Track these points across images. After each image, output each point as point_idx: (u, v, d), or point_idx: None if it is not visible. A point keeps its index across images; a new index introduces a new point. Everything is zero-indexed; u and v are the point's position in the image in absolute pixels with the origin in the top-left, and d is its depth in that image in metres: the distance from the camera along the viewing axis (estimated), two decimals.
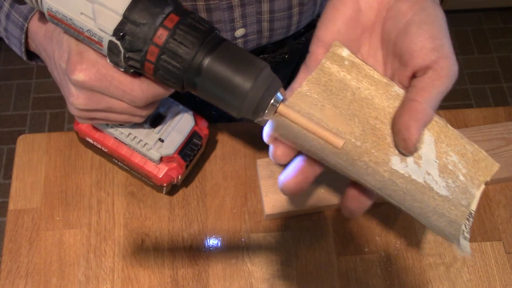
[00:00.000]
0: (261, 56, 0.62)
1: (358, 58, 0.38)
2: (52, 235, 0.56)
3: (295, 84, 0.37)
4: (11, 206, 0.58)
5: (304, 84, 0.37)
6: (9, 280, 0.54)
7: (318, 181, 0.57)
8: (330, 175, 0.59)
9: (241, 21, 0.53)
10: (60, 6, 0.35)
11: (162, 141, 0.50)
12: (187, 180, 0.59)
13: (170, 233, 0.57)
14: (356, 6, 0.36)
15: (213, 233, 0.57)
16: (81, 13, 0.35)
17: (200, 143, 0.53)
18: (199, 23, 0.35)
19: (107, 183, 0.59)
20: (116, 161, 0.54)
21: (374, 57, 0.37)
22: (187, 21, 0.34)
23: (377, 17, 0.36)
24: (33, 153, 0.61)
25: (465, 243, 0.37)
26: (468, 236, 0.37)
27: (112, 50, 0.35)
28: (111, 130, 0.50)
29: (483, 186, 0.38)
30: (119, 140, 0.51)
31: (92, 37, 0.35)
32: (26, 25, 0.43)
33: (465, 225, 0.37)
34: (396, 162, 0.36)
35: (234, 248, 0.56)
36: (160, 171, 0.51)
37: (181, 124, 0.52)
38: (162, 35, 0.34)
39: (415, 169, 0.37)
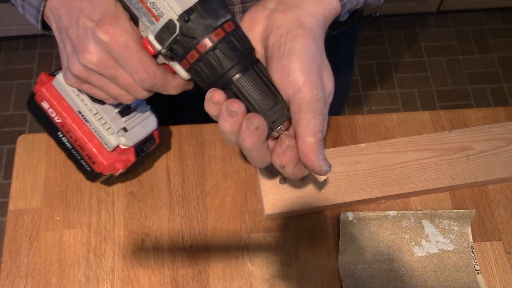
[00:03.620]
0: None
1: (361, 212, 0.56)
2: (52, 235, 0.57)
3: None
4: (11, 206, 0.58)
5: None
6: (9, 280, 0.54)
7: (318, 181, 0.57)
8: (330, 175, 0.59)
9: None
10: None
11: (126, 130, 0.50)
12: (187, 180, 0.59)
13: (170, 233, 0.57)
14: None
15: (213, 233, 0.57)
16: None
17: (152, 147, 0.54)
18: (246, 38, 0.39)
19: (107, 183, 0.59)
20: (59, 135, 0.52)
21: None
22: (239, 33, 0.38)
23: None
24: (33, 153, 0.61)
25: (479, 278, 0.54)
26: (479, 269, 0.55)
27: (167, 27, 0.37)
28: (80, 103, 0.49)
29: (469, 228, 0.57)
30: (82, 115, 0.49)
31: (153, 10, 0.37)
32: None
33: (473, 258, 0.55)
34: (416, 250, 0.55)
35: (234, 248, 0.56)
36: (108, 159, 0.51)
37: (146, 122, 0.52)
38: (219, 34, 0.37)
39: (428, 245, 0.55)
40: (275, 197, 0.56)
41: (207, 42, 0.37)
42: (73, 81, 0.43)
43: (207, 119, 0.68)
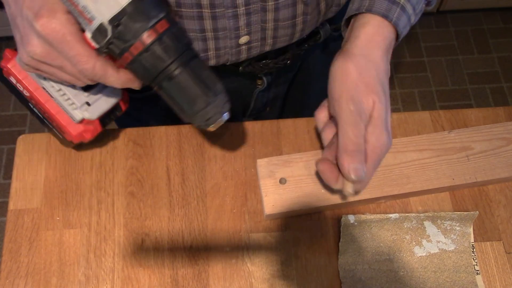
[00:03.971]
0: (264, 61, 0.62)
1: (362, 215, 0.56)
2: (52, 235, 0.57)
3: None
4: (11, 206, 0.58)
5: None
6: (9, 280, 0.54)
7: (318, 181, 0.57)
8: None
9: (245, 29, 0.53)
10: None
11: (89, 104, 0.51)
12: (187, 180, 0.59)
13: (170, 233, 0.57)
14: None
15: (213, 233, 0.57)
16: None
17: (118, 114, 0.55)
18: (182, 35, 0.40)
19: (107, 183, 0.59)
20: (31, 106, 0.53)
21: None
22: (174, 30, 0.39)
23: None
24: (33, 153, 0.61)
25: (478, 279, 0.54)
26: (478, 269, 0.55)
27: (99, 31, 0.38)
28: (43, 81, 0.49)
29: (471, 228, 0.56)
30: (47, 91, 0.50)
31: (85, 13, 0.38)
32: None
33: (473, 258, 0.55)
34: (417, 250, 0.55)
35: (234, 248, 0.56)
36: (75, 130, 0.52)
37: (109, 94, 0.53)
38: (151, 35, 0.38)
39: (429, 245, 0.55)
40: (275, 197, 0.56)
41: (139, 45, 0.38)
42: (25, 67, 0.44)
43: None
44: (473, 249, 0.56)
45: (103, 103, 0.52)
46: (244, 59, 0.59)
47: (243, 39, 0.54)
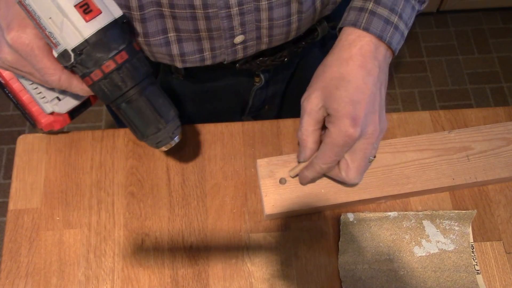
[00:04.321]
0: (260, 58, 0.62)
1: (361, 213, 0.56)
2: (52, 235, 0.57)
3: None
4: (11, 206, 0.58)
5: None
6: (9, 280, 0.54)
7: (318, 181, 0.57)
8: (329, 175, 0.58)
9: (240, 29, 0.53)
10: (34, 3, 0.40)
11: (59, 99, 0.53)
12: (187, 180, 0.59)
13: (170, 233, 0.57)
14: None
15: (213, 233, 0.57)
16: (50, 18, 0.40)
17: (88, 107, 0.57)
18: (142, 64, 0.44)
19: (107, 183, 0.59)
20: (7, 92, 0.55)
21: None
22: (133, 61, 0.43)
23: None
24: (33, 153, 0.61)
25: (479, 279, 0.54)
26: (478, 269, 0.55)
27: (63, 55, 0.42)
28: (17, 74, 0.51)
29: (470, 228, 0.57)
30: (21, 82, 0.52)
31: (51, 38, 0.42)
32: None
33: (473, 258, 0.55)
34: (417, 250, 0.55)
35: (234, 248, 0.56)
36: (46, 120, 0.54)
37: None
38: (110, 65, 0.42)
39: (429, 245, 0.55)
40: (275, 197, 0.56)
41: (98, 73, 0.42)
42: (2, 67, 0.47)
43: (207, 118, 0.68)
44: (472, 249, 0.56)
45: (72, 99, 0.54)
46: (241, 58, 0.59)
47: (238, 39, 0.54)
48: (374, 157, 0.53)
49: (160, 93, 0.46)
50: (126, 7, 0.49)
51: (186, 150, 0.61)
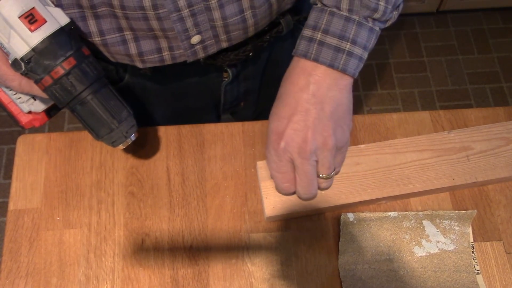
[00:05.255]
0: (223, 53, 0.61)
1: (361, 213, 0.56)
2: (52, 235, 0.57)
3: None
4: (11, 206, 0.58)
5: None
6: (9, 280, 0.54)
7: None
8: None
9: (194, 29, 0.52)
10: None
11: (35, 99, 0.54)
12: (187, 180, 0.59)
13: (170, 233, 0.57)
14: None
15: (213, 233, 0.57)
16: None
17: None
18: (92, 68, 0.46)
19: (107, 183, 0.59)
20: None
21: None
22: (82, 66, 0.45)
23: None
24: (33, 153, 0.61)
25: (479, 279, 0.54)
26: (479, 269, 0.55)
27: (15, 64, 0.44)
28: None
29: (470, 228, 0.57)
30: None
31: (3, 49, 0.44)
32: None
33: (473, 258, 0.55)
34: (417, 250, 0.55)
35: (234, 248, 0.56)
36: (25, 119, 0.55)
37: None
38: (58, 72, 0.44)
39: (429, 245, 0.56)
40: (276, 199, 0.56)
41: (48, 79, 0.44)
42: None
43: (182, 116, 0.68)
44: (472, 249, 0.56)
45: (48, 98, 0.55)
46: (203, 57, 0.58)
47: (195, 39, 0.54)
48: (334, 171, 0.51)
49: (112, 94, 0.48)
50: (78, 5, 0.49)
51: (186, 150, 0.61)
